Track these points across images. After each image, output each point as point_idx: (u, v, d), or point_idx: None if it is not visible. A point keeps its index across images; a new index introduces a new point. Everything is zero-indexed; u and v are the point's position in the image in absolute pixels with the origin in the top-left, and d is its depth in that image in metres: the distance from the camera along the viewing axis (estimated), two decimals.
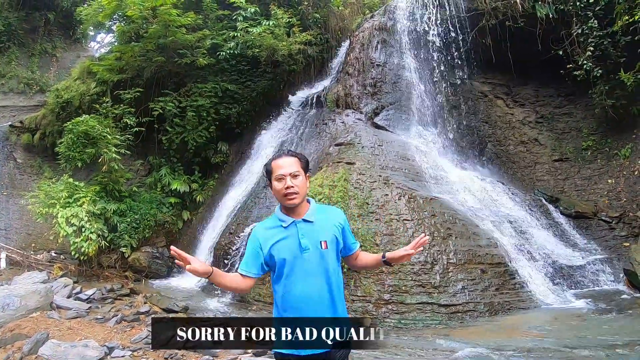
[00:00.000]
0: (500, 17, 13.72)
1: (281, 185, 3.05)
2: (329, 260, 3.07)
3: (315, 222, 3.11)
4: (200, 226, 13.25)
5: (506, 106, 14.75)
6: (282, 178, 3.05)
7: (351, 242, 3.30)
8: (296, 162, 3.12)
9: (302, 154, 3.26)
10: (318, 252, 3.03)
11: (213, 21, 15.42)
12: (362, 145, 11.54)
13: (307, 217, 3.11)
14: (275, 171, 3.09)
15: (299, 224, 3.08)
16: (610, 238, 10.99)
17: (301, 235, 3.04)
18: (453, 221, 9.51)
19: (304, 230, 3.07)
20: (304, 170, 3.13)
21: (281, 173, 3.06)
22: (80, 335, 7.33)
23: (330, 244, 3.08)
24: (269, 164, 3.16)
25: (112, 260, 12.43)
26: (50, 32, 22.64)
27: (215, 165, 14.85)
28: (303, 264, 3.01)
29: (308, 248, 3.02)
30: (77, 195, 12.26)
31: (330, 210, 3.31)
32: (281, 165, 3.08)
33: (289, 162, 3.10)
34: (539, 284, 9.14)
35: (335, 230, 3.15)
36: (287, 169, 3.06)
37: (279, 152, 3.21)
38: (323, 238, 3.07)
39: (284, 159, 3.12)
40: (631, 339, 6.64)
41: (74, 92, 15.95)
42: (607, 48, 12.38)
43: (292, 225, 3.09)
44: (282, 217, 3.13)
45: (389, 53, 14.15)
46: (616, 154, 12.87)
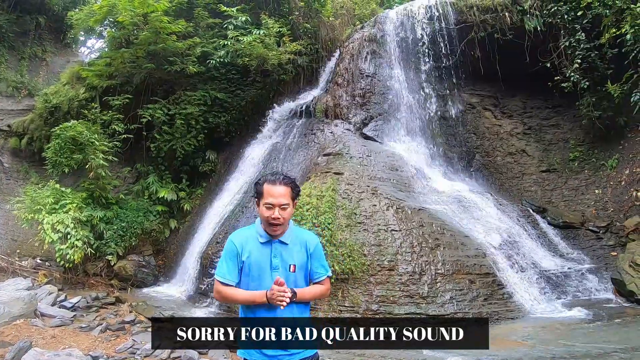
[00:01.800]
0: (489, 30, 13.89)
1: (268, 213, 3.09)
2: (297, 283, 3.15)
3: (289, 244, 3.19)
4: (188, 235, 13.16)
5: (494, 117, 14.87)
6: (271, 208, 3.09)
7: (316, 269, 3.31)
8: (288, 193, 3.14)
9: (295, 181, 3.27)
10: (286, 273, 3.11)
11: (204, 29, 15.40)
12: (350, 155, 11.56)
13: (283, 238, 3.18)
14: (265, 197, 3.12)
15: (274, 243, 3.16)
16: (598, 248, 11.12)
17: (274, 255, 3.13)
18: (441, 231, 9.55)
19: (278, 250, 3.15)
20: (292, 200, 3.17)
21: (270, 202, 3.09)
22: (64, 344, 7.26)
23: (299, 269, 3.17)
24: (261, 185, 3.17)
25: (97, 268, 12.28)
26: (41, 35, 22.45)
27: (203, 174, 14.78)
28: (270, 283, 3.04)
29: (277, 268, 3.11)
30: (64, 201, 12.13)
31: (305, 234, 3.36)
32: (273, 194, 3.10)
33: (281, 193, 3.12)
34: (528, 293, 9.22)
35: (304, 256, 3.22)
36: (278, 199, 3.09)
37: (274, 176, 3.21)
38: (292, 262, 3.16)
39: (278, 187, 3.13)
40: (620, 347, 6.71)
41: (62, 97, 15.86)
42: (595, 60, 12.57)
43: (267, 244, 3.16)
44: (261, 232, 3.19)
45: (378, 64, 14.24)
46: (603, 165, 13.03)
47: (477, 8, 14.08)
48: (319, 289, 3.34)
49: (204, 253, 11.25)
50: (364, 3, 18.59)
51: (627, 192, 11.91)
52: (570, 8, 13.04)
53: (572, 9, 12.98)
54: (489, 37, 13.90)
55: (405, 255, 8.98)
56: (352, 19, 17.50)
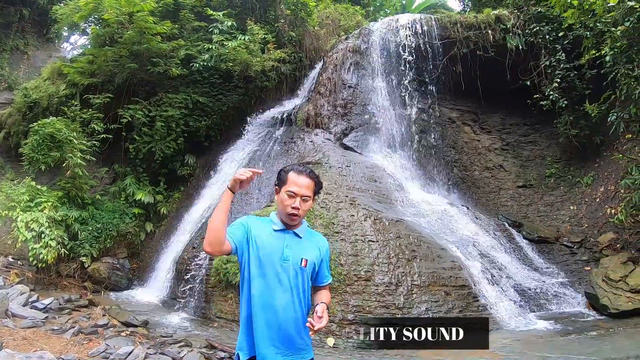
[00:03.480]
0: (472, 46, 14.14)
1: (290, 202, 3.04)
2: (304, 279, 3.08)
3: (303, 238, 3.13)
4: (163, 239, 13.04)
5: (473, 133, 15.08)
6: (294, 196, 3.05)
7: (324, 274, 3.30)
8: (312, 186, 3.12)
9: (319, 178, 3.23)
10: (296, 267, 3.04)
11: (189, 32, 15.33)
12: (330, 165, 11.60)
13: (298, 231, 3.12)
14: (289, 185, 3.08)
15: (288, 234, 3.10)
16: (572, 262, 11.29)
17: (286, 245, 3.05)
18: (418, 243, 9.62)
19: (291, 241, 3.08)
20: (313, 195, 3.14)
21: (294, 191, 3.05)
22: (35, 346, 7.11)
23: (309, 265, 3.09)
24: (287, 173, 3.14)
25: (71, 269, 12.07)
26: (24, 28, 22.14)
27: (181, 178, 14.66)
28: (278, 273, 3.00)
29: (288, 259, 3.03)
30: (39, 199, 11.92)
31: (318, 236, 3.33)
32: (298, 183, 3.07)
33: (306, 184, 3.09)
34: (502, 306, 9.29)
35: (317, 254, 3.17)
36: (302, 190, 3.06)
37: (301, 166, 3.18)
38: (305, 256, 3.08)
39: (304, 178, 3.10)
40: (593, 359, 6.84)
41: (42, 93, 15.60)
42: (574, 80, 12.90)
43: (281, 232, 3.10)
44: (276, 220, 3.14)
45: (361, 75, 14.35)
46: (578, 182, 13.31)
47: (461, 25, 14.34)
48: (327, 296, 3.31)
49: (179, 258, 11.16)
50: (349, 14, 18.76)
51: (601, 209, 12.15)
52: (551, 28, 13.38)
53: (554, 29, 13.32)
54: (471, 54, 14.14)
55: (382, 266, 9.02)
56: (337, 30, 17.60)
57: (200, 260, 10.43)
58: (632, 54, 9.51)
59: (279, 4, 16.09)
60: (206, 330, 9.10)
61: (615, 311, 8.85)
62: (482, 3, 18.25)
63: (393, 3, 27.37)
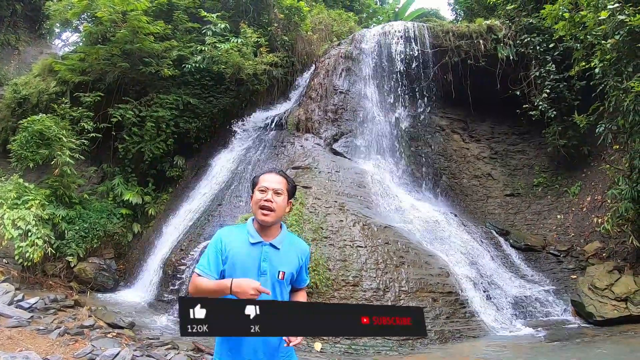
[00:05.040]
0: (463, 56, 14.27)
1: (261, 196, 3.03)
2: (282, 290, 3.04)
3: (280, 250, 3.08)
4: (151, 240, 12.93)
5: (462, 141, 15.19)
6: (265, 190, 3.04)
7: (302, 278, 3.26)
8: (283, 182, 3.11)
9: (291, 178, 3.25)
10: (274, 279, 2.99)
11: (182, 32, 15.29)
12: (319, 170, 11.63)
13: (275, 242, 3.07)
14: (260, 183, 3.09)
15: (265, 246, 3.03)
16: (558, 270, 11.38)
17: (263, 259, 2.99)
18: (406, 250, 9.66)
19: (268, 254, 3.02)
20: (288, 193, 3.13)
21: (265, 185, 3.05)
22: (20, 346, 7.03)
23: (287, 276, 3.04)
24: (259, 176, 3.16)
25: (57, 268, 11.93)
26: (16, 23, 21.98)
27: (170, 179, 14.54)
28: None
29: (266, 273, 2.97)
30: (26, 197, 11.77)
31: (298, 243, 3.25)
32: (268, 180, 3.08)
33: (277, 180, 3.09)
34: (489, 313, 9.39)
35: (296, 264, 3.13)
36: (272, 184, 3.06)
37: (270, 169, 3.26)
38: (282, 269, 3.03)
39: (273, 175, 3.12)
40: None
41: (32, 89, 15.44)
42: (563, 91, 13.06)
43: (258, 245, 3.03)
44: (253, 232, 3.07)
45: (352, 81, 14.43)
46: (566, 191, 13.45)
47: (453, 34, 14.47)
48: (304, 297, 3.31)
49: (167, 260, 11.10)
50: (342, 20, 18.87)
51: (588, 218, 12.27)
52: (542, 40, 13.55)
53: (545, 40, 13.49)
54: (462, 63, 14.27)
55: (370, 271, 9.05)
56: (329, 35, 17.69)
57: (187, 263, 10.38)
58: (621, 67, 9.64)
59: (273, 7, 16.11)
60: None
61: (600, 319, 8.97)
62: (474, 13, 18.47)
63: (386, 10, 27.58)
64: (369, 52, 14.92)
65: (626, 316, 8.87)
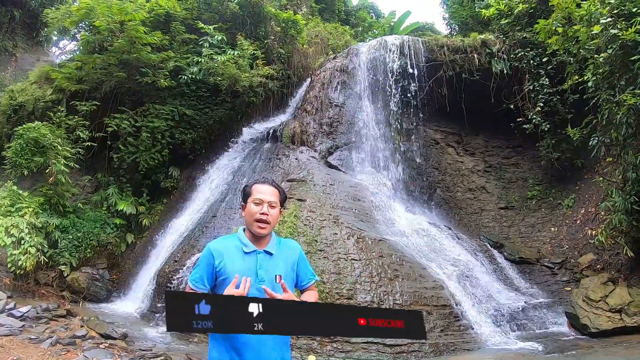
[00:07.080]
0: (457, 70, 14.36)
1: (257, 209, 3.04)
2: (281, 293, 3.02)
3: (274, 254, 3.10)
4: (144, 251, 12.91)
5: (457, 154, 15.26)
6: (260, 203, 3.06)
7: (305, 274, 3.26)
8: (276, 194, 3.14)
9: (282, 187, 3.27)
10: (272, 285, 2.97)
11: (179, 44, 15.37)
12: (314, 183, 11.65)
13: (268, 248, 3.09)
14: (254, 194, 3.10)
15: (260, 254, 3.06)
16: (553, 283, 11.38)
17: (259, 266, 3.01)
18: (400, 263, 9.65)
19: (263, 261, 3.04)
20: (280, 204, 3.16)
21: (260, 198, 3.07)
22: (12, 355, 6.98)
23: (285, 278, 3.03)
24: (250, 187, 3.16)
25: (49, 277, 11.85)
26: (14, 30, 22.01)
27: (164, 190, 14.55)
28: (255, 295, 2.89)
29: (264, 280, 2.98)
30: (20, 204, 11.71)
31: (288, 244, 3.27)
32: (262, 191, 3.10)
33: (271, 191, 3.12)
34: (484, 326, 9.36)
35: (290, 265, 3.14)
36: (267, 196, 3.08)
37: (262, 179, 3.24)
38: (278, 272, 3.04)
39: (267, 186, 3.14)
40: None
41: (28, 96, 15.39)
42: (556, 105, 13.15)
43: (253, 254, 3.05)
44: (246, 241, 3.09)
45: (347, 95, 14.51)
46: (560, 204, 13.49)
47: (448, 48, 14.58)
48: (314, 296, 3.28)
49: (160, 271, 11.06)
50: (338, 34, 19.00)
51: (582, 230, 12.29)
52: (536, 54, 13.68)
53: (538, 55, 13.62)
54: (456, 77, 14.37)
55: (364, 284, 9.04)
56: (325, 49, 17.79)
57: (181, 274, 10.35)
58: (614, 80, 9.71)
59: (270, 20, 16.24)
60: (186, 344, 8.96)
61: (595, 330, 8.95)
62: (468, 27, 18.65)
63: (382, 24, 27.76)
64: (365, 65, 15.00)
65: (621, 327, 8.85)
